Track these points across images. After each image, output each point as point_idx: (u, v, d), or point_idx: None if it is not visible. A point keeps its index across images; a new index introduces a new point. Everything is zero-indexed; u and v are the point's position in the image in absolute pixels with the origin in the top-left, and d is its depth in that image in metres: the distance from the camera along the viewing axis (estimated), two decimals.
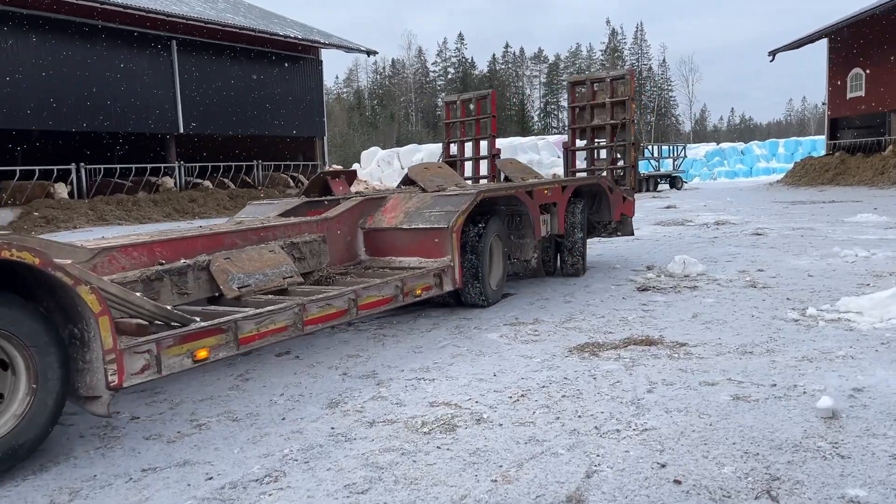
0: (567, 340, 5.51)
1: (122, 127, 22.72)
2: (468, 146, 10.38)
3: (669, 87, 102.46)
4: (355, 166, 46.31)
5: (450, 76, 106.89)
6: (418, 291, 5.71)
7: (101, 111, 21.66)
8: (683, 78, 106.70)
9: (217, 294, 4.76)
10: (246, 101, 26.07)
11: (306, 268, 5.55)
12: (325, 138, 30.40)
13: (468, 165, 10.45)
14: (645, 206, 20.44)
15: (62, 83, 20.64)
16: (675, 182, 33.85)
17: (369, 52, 33.90)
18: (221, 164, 24.83)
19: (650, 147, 36.88)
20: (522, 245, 7.50)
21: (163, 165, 23.65)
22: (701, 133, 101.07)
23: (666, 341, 5.33)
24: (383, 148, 52.59)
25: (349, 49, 32.89)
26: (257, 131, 26.91)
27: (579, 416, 3.87)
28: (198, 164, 24.58)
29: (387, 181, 38.87)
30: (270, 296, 4.89)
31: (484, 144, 10.22)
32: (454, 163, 10.22)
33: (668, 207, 19.94)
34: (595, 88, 9.76)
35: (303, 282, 5.27)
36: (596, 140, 9.88)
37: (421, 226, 6.17)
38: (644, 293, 7.28)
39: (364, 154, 49.67)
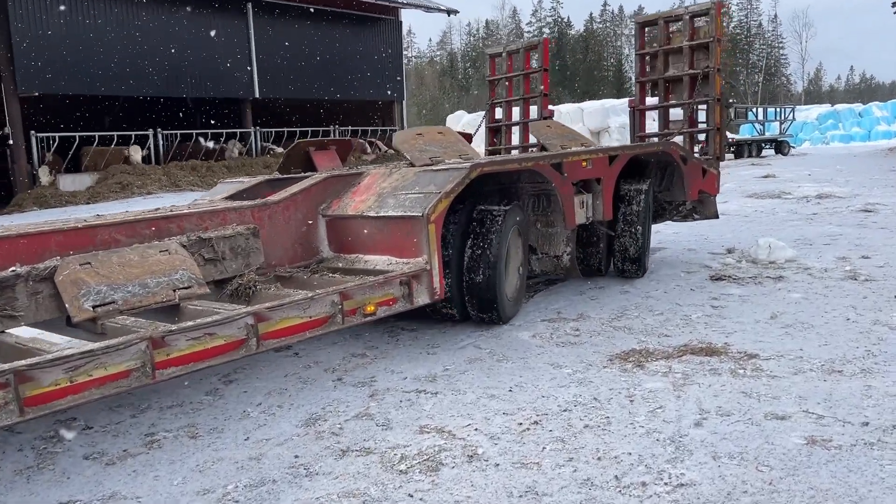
0: (611, 344, 4.63)
1: (198, 92, 22.79)
2: (517, 109, 8.69)
3: (780, 45, 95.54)
4: None
5: (544, 36, 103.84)
6: (370, 308, 3.99)
7: (178, 77, 21.75)
8: (796, 34, 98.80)
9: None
10: (322, 65, 25.68)
11: (225, 272, 4.15)
12: (404, 102, 29.75)
13: (516, 132, 8.72)
14: (739, 175, 18.80)
15: (142, 50, 20.79)
16: (780, 147, 31.14)
17: (450, 12, 32.80)
18: (297, 129, 24.62)
19: (754, 109, 34.00)
20: (551, 236, 5.66)
21: (238, 131, 23.67)
22: (814, 94, 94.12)
23: (732, 351, 4.37)
24: (473, 111, 51.46)
25: (429, 9, 31.92)
26: (333, 95, 26.53)
27: (599, 459, 3.04)
28: (273, 130, 24.49)
29: (474, 144, 38.00)
30: (138, 319, 3.44)
31: (535, 108, 8.64)
32: (499, 129, 8.74)
33: (766, 177, 18.21)
34: (670, 29, 7.60)
35: (208, 293, 3.88)
36: (671, 96, 7.74)
37: (390, 213, 4.38)
38: (717, 283, 6.25)
39: (449, 118, 48.74)
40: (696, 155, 7.32)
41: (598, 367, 4.20)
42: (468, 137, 7.01)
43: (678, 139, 7.42)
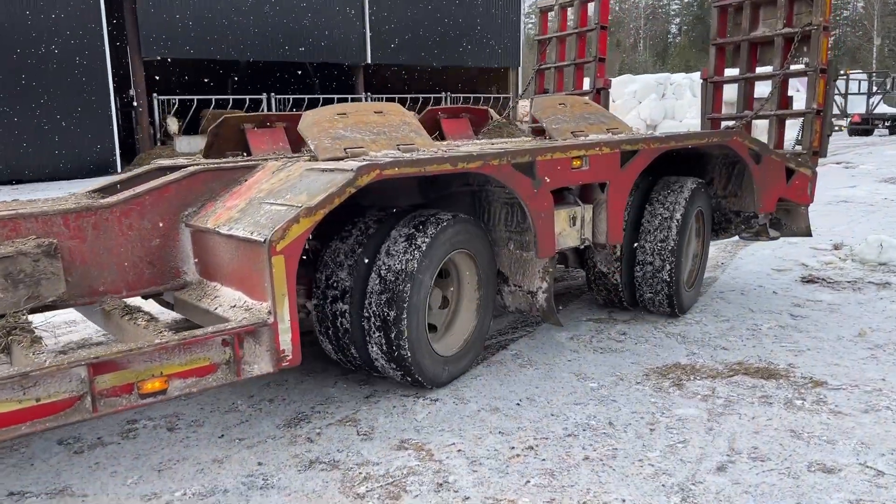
0: (655, 355, 4.08)
1: (312, 58, 23.05)
2: (568, 75, 7.17)
3: None
4: None
5: (686, 0, 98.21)
6: (155, 385, 2.70)
7: (294, 42, 22.09)
8: None
9: None
10: (435, 30, 25.31)
11: None
12: (521, 69, 28.93)
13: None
14: (884, 155, 16.88)
15: (260, 14, 21.23)
16: None
17: None
18: (408, 95, 24.52)
19: (890, 79, 27.41)
20: (525, 263, 3.98)
21: (349, 97, 23.83)
22: None
23: (795, 375, 3.72)
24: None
25: None
26: (446, 62, 26.13)
27: (580, 502, 2.59)
28: (384, 96, 24.47)
29: None
30: None
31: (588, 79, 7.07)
32: None
33: None
34: None
35: None
36: (758, 64, 6.04)
37: (238, 232, 3.08)
38: (806, 287, 5.46)
39: None
40: (782, 151, 5.59)
41: (630, 383, 3.68)
42: (481, 113, 5.98)
43: (762, 131, 5.91)
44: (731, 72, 6.07)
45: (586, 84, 7.08)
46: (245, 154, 4.51)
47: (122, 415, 3.47)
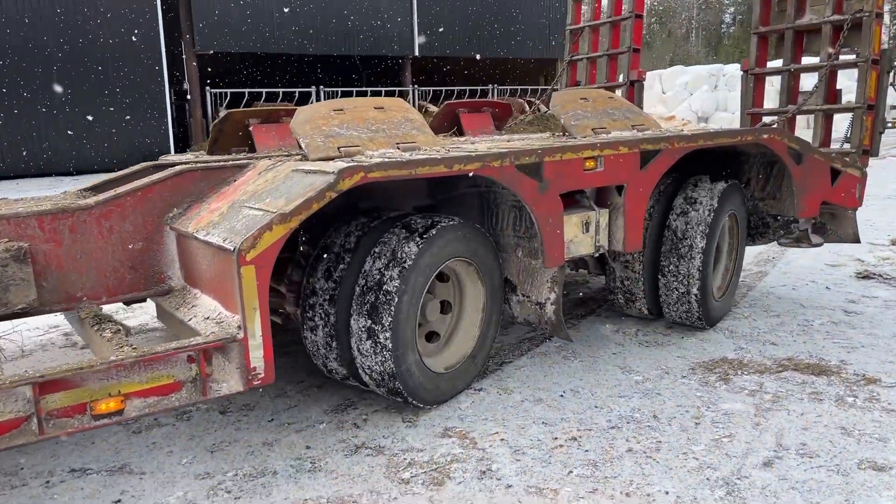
0: (702, 349, 4.04)
1: (360, 50, 23.23)
2: (601, 67, 6.76)
3: None
4: None
5: None
6: (107, 406, 2.50)
7: (342, 35, 22.31)
8: None
9: None
10: (483, 22, 25.25)
11: None
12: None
13: None
14: None
15: (309, 8, 21.50)
16: None
17: None
18: (456, 87, 24.55)
19: None
20: (533, 272, 3.70)
21: (397, 89, 23.96)
22: None
23: (847, 372, 3.65)
24: (649, 70, 48.67)
25: None
26: (494, 53, 26.05)
27: (627, 495, 2.60)
28: (432, 89, 24.53)
29: (644, 108, 35.96)
30: None
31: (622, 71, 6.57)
32: None
33: None
34: None
35: None
36: (804, 54, 5.58)
37: (213, 239, 2.86)
38: (862, 283, 5.32)
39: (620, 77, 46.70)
40: (827, 150, 5.06)
41: (675, 377, 3.66)
42: (504, 107, 5.60)
43: (806, 132, 5.42)
44: (774, 64, 5.70)
45: (621, 77, 6.71)
46: (249, 151, 4.35)
47: None
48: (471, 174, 3.17)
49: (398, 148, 3.44)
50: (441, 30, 24.35)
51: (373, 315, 3.05)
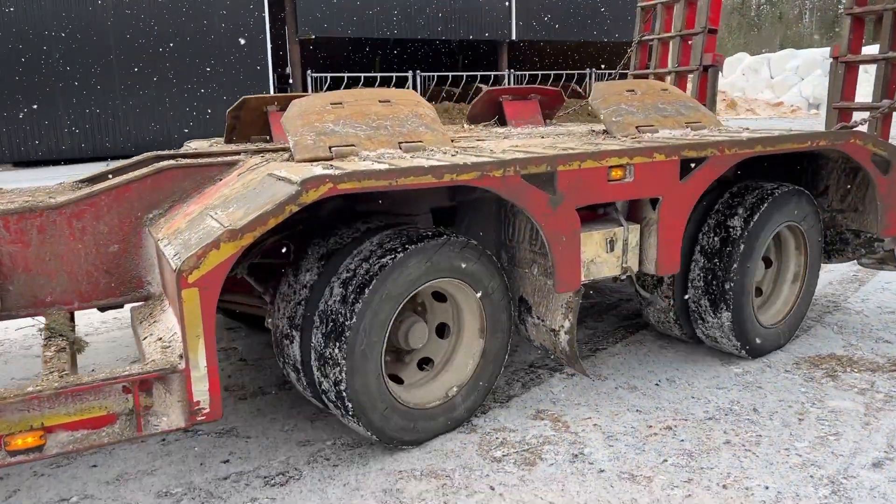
0: (807, 344, 3.88)
1: (457, 34, 23.30)
2: (674, 50, 6.20)
3: None
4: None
5: None
6: (24, 441, 2.23)
7: (441, 19, 22.43)
8: None
9: None
10: (581, 4, 24.81)
11: None
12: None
13: (671, 82, 6.09)
14: None
15: None
16: None
17: None
18: (552, 72, 24.26)
19: None
20: (548, 294, 3.15)
21: (493, 73, 23.89)
22: None
23: None
24: (755, 53, 46.42)
25: None
26: (590, 36, 25.53)
27: (724, 487, 2.55)
28: (527, 73, 24.32)
29: (750, 94, 34.40)
30: None
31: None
32: (646, 78, 6.10)
33: None
34: None
35: None
36: None
37: (168, 252, 2.60)
38: None
39: (727, 61, 44.63)
40: None
41: (778, 371, 3.53)
42: (554, 94, 5.13)
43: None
44: (869, 50, 5.02)
45: (694, 59, 6.07)
46: (269, 139, 4.12)
47: (278, 368, 3.75)
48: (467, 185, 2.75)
49: (400, 148, 3.11)
50: (538, 13, 24.09)
51: (328, 343, 2.67)
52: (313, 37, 20.44)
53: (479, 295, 2.98)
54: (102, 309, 3.22)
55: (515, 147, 3.31)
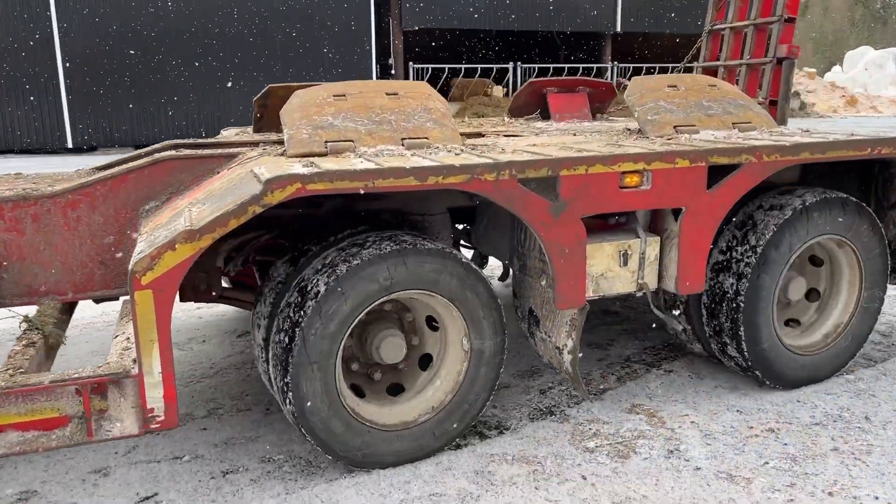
0: None
1: (562, 26, 23.02)
2: (748, 41, 5.53)
3: None
4: (835, 70, 39.66)
5: None
6: None
7: (542, 10, 22.23)
8: None
9: None
10: None
11: None
12: None
13: (742, 76, 5.41)
14: None
15: None
16: None
17: None
18: (657, 65, 23.63)
19: None
20: (553, 309, 2.90)
21: (595, 66, 23.46)
22: None
23: None
24: (880, 48, 43.45)
25: None
26: (697, 29, 24.74)
27: (830, 494, 2.44)
28: (631, 65, 23.76)
29: (873, 90, 32.29)
30: None
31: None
32: (715, 71, 5.54)
33: None
34: None
35: None
36: None
37: (138, 248, 2.52)
38: None
39: (849, 55, 41.91)
40: None
41: (894, 379, 3.34)
42: (605, 87, 4.77)
43: None
44: None
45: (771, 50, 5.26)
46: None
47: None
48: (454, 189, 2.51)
49: (403, 144, 2.89)
50: (644, 5, 23.48)
51: (282, 361, 2.52)
52: (417, 28, 20.71)
53: (461, 311, 2.71)
54: (97, 300, 3.15)
55: (533, 145, 3.06)
